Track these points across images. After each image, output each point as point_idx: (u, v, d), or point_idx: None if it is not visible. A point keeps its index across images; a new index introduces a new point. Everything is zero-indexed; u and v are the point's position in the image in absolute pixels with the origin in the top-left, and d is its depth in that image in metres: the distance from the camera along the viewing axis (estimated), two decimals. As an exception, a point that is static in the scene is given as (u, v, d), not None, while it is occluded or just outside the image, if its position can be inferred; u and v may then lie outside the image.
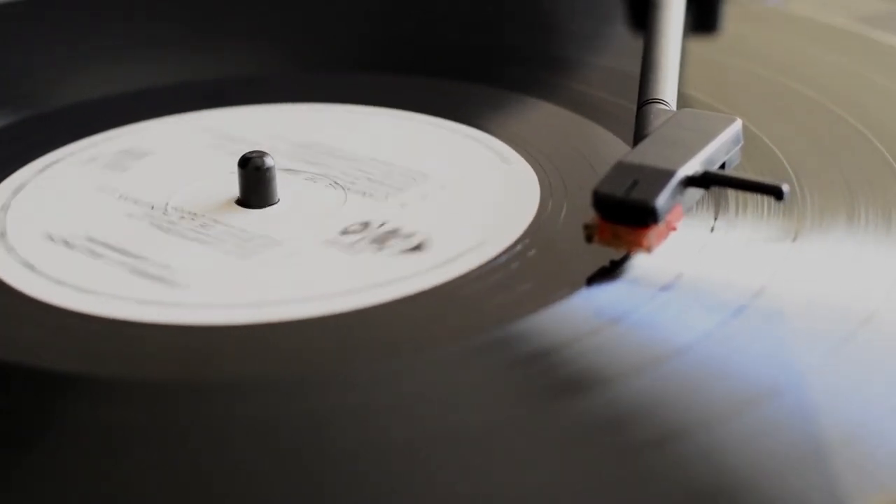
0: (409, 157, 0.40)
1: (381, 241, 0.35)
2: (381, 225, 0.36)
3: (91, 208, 0.37)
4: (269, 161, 0.37)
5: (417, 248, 0.34)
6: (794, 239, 0.33)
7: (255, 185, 0.37)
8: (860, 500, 0.25)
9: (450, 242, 0.34)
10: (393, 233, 0.35)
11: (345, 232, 0.35)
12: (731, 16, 0.49)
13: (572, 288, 0.32)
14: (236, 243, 0.35)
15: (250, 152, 0.37)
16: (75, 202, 0.38)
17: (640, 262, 0.32)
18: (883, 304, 0.31)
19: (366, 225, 0.36)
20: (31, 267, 0.34)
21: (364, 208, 0.37)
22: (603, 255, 0.32)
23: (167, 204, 0.37)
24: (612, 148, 0.38)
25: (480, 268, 0.33)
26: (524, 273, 0.33)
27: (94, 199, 0.38)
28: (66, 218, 0.37)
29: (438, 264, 0.33)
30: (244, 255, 0.34)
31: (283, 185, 0.37)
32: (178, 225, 0.36)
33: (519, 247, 0.34)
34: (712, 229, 0.34)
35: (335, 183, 0.38)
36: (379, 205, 0.37)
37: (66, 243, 0.35)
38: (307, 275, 0.33)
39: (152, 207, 0.37)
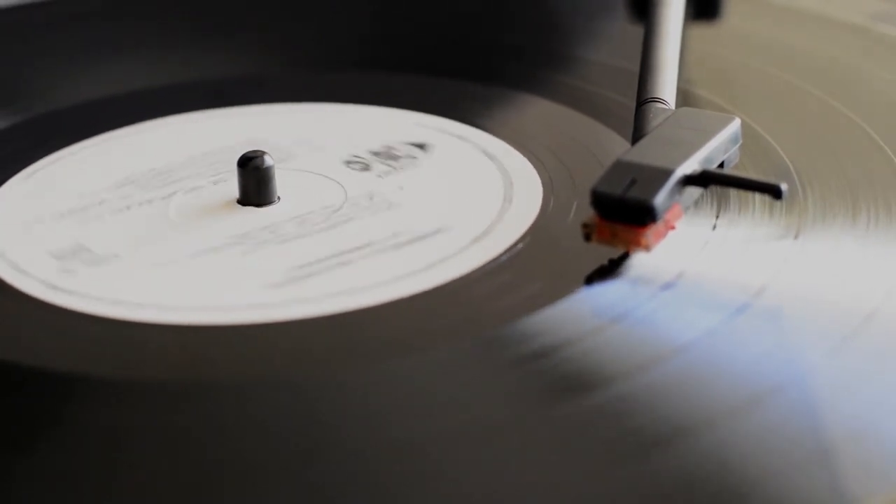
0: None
1: (397, 156, 0.39)
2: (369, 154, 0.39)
3: (195, 277, 0.34)
4: (268, 160, 0.36)
5: (421, 146, 0.39)
6: (797, 237, 0.33)
7: (258, 182, 0.36)
8: (865, 498, 0.25)
9: (449, 148, 0.39)
10: (393, 148, 0.39)
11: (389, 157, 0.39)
12: (732, 11, 0.48)
13: (574, 287, 0.32)
14: (365, 209, 0.36)
15: (251, 152, 0.36)
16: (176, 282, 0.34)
17: (641, 261, 0.32)
18: (885, 301, 0.31)
19: (376, 154, 0.39)
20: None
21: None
22: (604, 253, 0.32)
23: (231, 234, 0.35)
24: (611, 145, 0.38)
25: (481, 267, 0.33)
26: (525, 272, 0.33)
27: (172, 274, 0.34)
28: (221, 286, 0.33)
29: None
30: (393, 205, 0.36)
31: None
32: (280, 233, 0.35)
33: (520, 246, 0.34)
34: (714, 227, 0.34)
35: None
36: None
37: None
38: (447, 181, 0.37)
39: (220, 245, 0.35)
